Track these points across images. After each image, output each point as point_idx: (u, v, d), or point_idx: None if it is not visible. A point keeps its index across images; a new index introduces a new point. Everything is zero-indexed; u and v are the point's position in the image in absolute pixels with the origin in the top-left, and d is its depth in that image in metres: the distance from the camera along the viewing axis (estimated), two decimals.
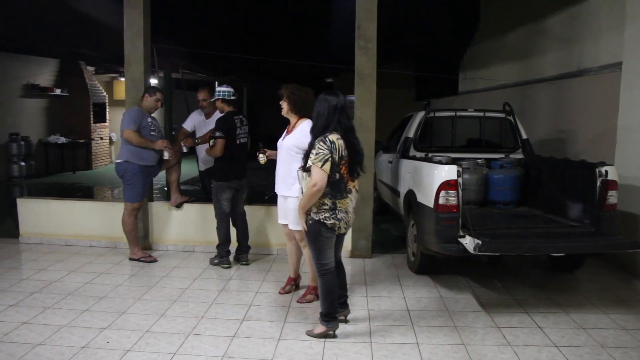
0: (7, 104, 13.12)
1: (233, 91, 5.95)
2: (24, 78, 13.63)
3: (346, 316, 4.45)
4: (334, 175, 3.90)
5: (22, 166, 13.20)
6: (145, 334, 4.24)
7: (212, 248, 6.26)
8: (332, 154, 3.84)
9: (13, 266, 6.12)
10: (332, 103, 3.99)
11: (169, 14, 8.56)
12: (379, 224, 7.48)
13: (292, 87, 4.71)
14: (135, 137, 5.95)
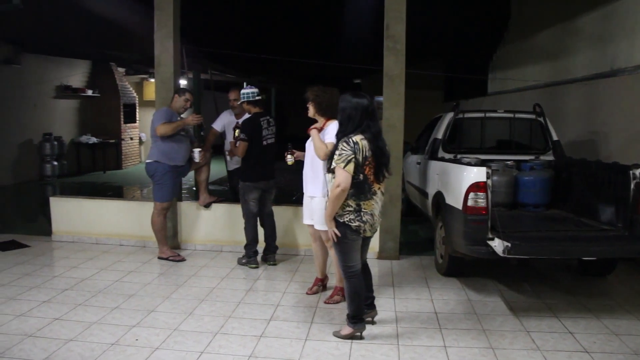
0: (41, 104, 13.40)
1: (257, 91, 5.96)
2: (57, 79, 13.90)
3: (373, 317, 4.44)
4: (357, 176, 3.88)
5: (55, 165, 13.45)
6: (174, 333, 4.29)
7: (240, 248, 6.29)
8: (355, 155, 3.83)
9: (46, 263, 6.24)
10: (362, 105, 3.97)
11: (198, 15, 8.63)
12: (406, 225, 7.45)
13: (317, 89, 4.71)
14: (168, 126, 5.98)
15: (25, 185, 12.50)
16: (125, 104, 15.76)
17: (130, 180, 13.73)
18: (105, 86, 15.28)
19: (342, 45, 11.37)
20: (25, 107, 12.68)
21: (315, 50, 11.80)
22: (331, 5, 9.09)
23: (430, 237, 6.89)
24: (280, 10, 9.51)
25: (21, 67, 12.40)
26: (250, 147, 5.81)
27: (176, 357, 3.88)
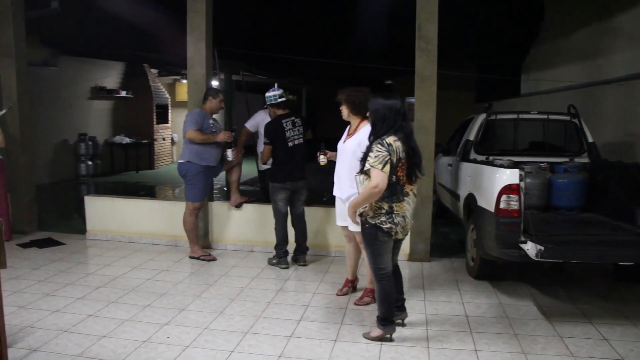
0: (77, 105, 13.67)
1: (279, 93, 6.01)
2: (92, 81, 14.17)
3: (403, 320, 4.42)
4: (390, 177, 3.87)
5: (90, 165, 13.70)
6: (204, 331, 4.33)
7: (270, 248, 6.32)
8: (390, 156, 3.82)
9: (80, 261, 6.36)
10: (394, 107, 3.95)
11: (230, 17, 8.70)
12: (437, 227, 7.40)
13: (349, 90, 4.71)
14: (198, 135, 6.07)
15: (61, 184, 12.76)
16: (157, 105, 15.96)
17: (163, 180, 13.90)
18: (138, 87, 15.51)
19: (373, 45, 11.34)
20: (61, 108, 12.95)
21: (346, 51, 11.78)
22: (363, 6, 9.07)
23: (461, 240, 6.84)
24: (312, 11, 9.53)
25: (58, 69, 12.67)
26: (275, 149, 5.84)
27: (206, 355, 3.92)
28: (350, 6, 9.04)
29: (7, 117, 7.40)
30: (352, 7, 9.08)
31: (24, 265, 6.07)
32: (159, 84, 16.38)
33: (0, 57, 7.42)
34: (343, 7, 9.14)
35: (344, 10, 9.38)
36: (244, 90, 9.30)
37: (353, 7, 9.13)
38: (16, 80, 7.40)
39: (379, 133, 3.93)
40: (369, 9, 9.11)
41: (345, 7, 9.10)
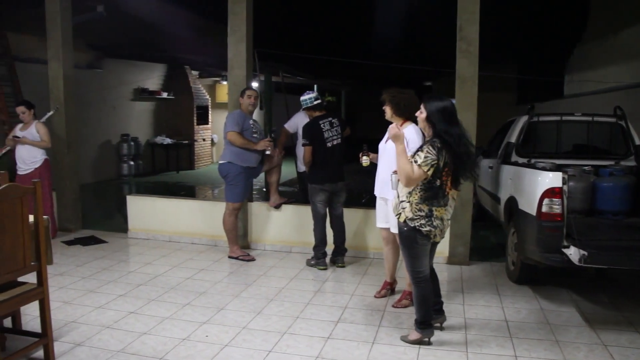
0: (120, 106, 13.96)
1: (314, 96, 6.03)
2: (134, 83, 14.46)
3: (442, 323, 4.38)
4: (434, 181, 3.84)
5: (131, 165, 13.97)
6: (243, 330, 4.37)
7: (308, 249, 6.34)
8: (438, 161, 3.78)
9: (122, 259, 6.50)
10: (447, 108, 3.91)
11: (270, 19, 8.76)
12: (477, 230, 7.30)
13: (393, 90, 4.68)
14: (238, 138, 6.13)
15: (104, 184, 13.05)
16: (198, 106, 16.17)
17: (203, 180, 14.07)
18: (179, 89, 15.74)
19: (412, 47, 11.27)
20: (105, 109, 13.25)
21: (385, 53, 11.74)
22: (403, 7, 9.02)
23: (501, 243, 6.74)
24: (351, 13, 9.52)
25: (102, 72, 12.97)
26: (314, 150, 5.86)
27: (244, 354, 3.95)
28: (390, 7, 9.01)
29: (54, 118, 7.62)
30: (392, 8, 9.04)
31: (68, 262, 6.23)
32: (200, 86, 16.59)
33: (49, 60, 7.65)
34: (383, 8, 9.11)
35: (384, 12, 9.35)
36: (283, 91, 9.36)
37: (393, 9, 9.09)
38: (63, 83, 7.61)
39: (434, 134, 3.88)
40: (409, 10, 9.06)
41: (385, 8, 9.07)
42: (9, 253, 3.45)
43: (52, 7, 7.52)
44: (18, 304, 3.72)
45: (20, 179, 6.87)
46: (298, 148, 6.81)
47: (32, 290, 3.73)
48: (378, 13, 9.45)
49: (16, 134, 7.06)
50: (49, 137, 7.06)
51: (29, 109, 7.08)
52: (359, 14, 9.50)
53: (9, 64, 9.95)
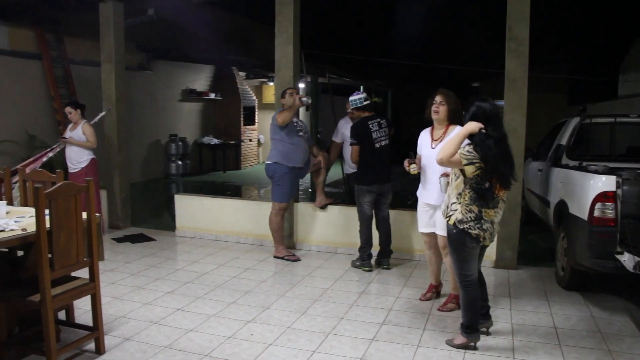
0: (169, 107, 14.23)
1: (364, 96, 6.01)
2: (183, 84, 14.72)
3: (488, 328, 4.30)
4: (483, 183, 3.78)
5: (179, 165, 14.22)
6: (287, 330, 4.39)
7: (354, 250, 6.33)
8: (481, 162, 3.72)
9: (170, 257, 6.62)
10: (490, 110, 3.85)
11: (317, 20, 8.79)
12: (525, 234, 7.14)
13: (451, 93, 4.64)
14: (285, 113, 6.16)
15: (153, 183, 13.32)
16: (245, 107, 16.34)
17: (249, 180, 14.21)
18: (227, 89, 15.93)
19: (460, 47, 11.14)
20: (154, 110, 13.53)
21: (432, 53, 11.64)
22: (447, 8, 8.93)
23: (550, 248, 6.58)
24: (397, 14, 9.48)
25: (152, 73, 13.26)
26: (362, 150, 5.85)
27: (289, 354, 3.97)
28: (436, 8, 8.92)
29: (106, 118, 7.83)
30: (438, 9, 8.96)
31: (118, 259, 6.39)
32: (247, 87, 16.76)
33: (102, 62, 7.87)
34: (429, 8, 9.03)
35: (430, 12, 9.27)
36: (330, 92, 9.37)
37: (441, 8, 9.01)
38: (115, 84, 7.82)
39: (474, 136, 3.83)
40: (457, 10, 8.95)
41: (431, 8, 8.99)
42: (63, 249, 3.56)
43: (105, 12, 7.75)
44: (72, 298, 3.85)
45: (69, 177, 7.07)
46: (345, 149, 6.82)
47: (84, 285, 3.85)
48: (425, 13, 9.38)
49: (65, 134, 7.28)
50: (94, 138, 7.22)
51: (75, 109, 7.28)
52: (406, 14, 9.45)
53: (65, 66, 10.27)
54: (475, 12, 8.87)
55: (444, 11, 9.01)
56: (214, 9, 9.54)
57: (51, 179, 4.48)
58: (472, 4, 8.56)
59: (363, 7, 9.15)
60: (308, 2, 6.95)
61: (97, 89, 8.06)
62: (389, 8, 9.03)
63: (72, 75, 10.38)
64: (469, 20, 9.33)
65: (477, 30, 9.47)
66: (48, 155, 7.19)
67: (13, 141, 9.09)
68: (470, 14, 9.04)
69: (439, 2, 8.50)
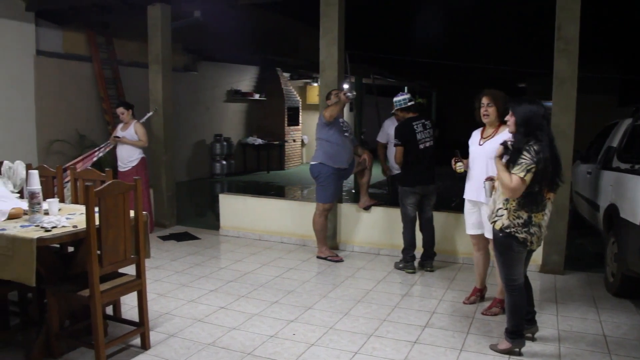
0: (213, 108, 14.43)
1: (408, 97, 5.97)
2: (228, 84, 14.90)
3: (534, 334, 4.21)
4: (533, 186, 3.70)
5: (224, 165, 14.40)
6: (329, 331, 4.39)
7: (397, 252, 6.29)
8: (536, 165, 3.65)
9: (214, 255, 6.71)
10: (539, 111, 3.78)
11: (361, 20, 8.78)
12: (573, 238, 6.98)
13: (498, 93, 4.57)
14: (331, 108, 6.17)
15: (197, 182, 13.52)
16: (289, 108, 16.44)
17: (292, 180, 14.28)
18: (271, 90, 16.07)
19: (505, 47, 10.96)
20: (199, 110, 13.73)
21: (477, 53, 11.49)
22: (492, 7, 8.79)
23: (599, 253, 6.40)
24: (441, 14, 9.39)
25: (197, 74, 13.46)
26: (406, 151, 5.81)
27: (330, 354, 3.96)
28: (480, 7, 8.80)
29: (153, 118, 7.99)
30: (482, 8, 8.83)
31: (163, 257, 6.51)
32: (291, 87, 16.86)
33: (150, 64, 8.03)
34: (473, 8, 8.92)
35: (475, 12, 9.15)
36: (374, 93, 9.35)
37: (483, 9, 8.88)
38: (162, 85, 7.97)
39: (522, 139, 3.76)
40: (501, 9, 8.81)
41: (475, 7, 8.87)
42: (112, 246, 3.65)
43: (153, 14, 7.91)
44: (119, 294, 3.94)
45: (119, 176, 7.23)
46: (389, 150, 6.79)
47: (131, 282, 3.93)
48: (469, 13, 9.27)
49: (117, 133, 7.45)
50: (146, 137, 7.40)
51: (127, 109, 7.46)
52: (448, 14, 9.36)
53: (114, 68, 10.53)
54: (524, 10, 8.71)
55: (491, 9, 8.88)
56: (259, 11, 9.64)
57: (101, 178, 4.59)
58: (521, 1, 8.41)
59: (407, 6, 9.09)
60: (353, 2, 6.95)
61: (144, 89, 8.24)
62: (434, 7, 8.96)
63: (120, 76, 10.62)
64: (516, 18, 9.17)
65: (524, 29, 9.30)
66: (98, 154, 7.37)
67: (65, 141, 9.37)
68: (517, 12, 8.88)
69: (486, 1, 8.38)
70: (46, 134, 9.16)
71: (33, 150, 8.91)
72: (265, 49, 12.23)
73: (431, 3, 8.83)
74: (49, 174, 5.06)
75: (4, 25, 8.35)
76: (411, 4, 9.04)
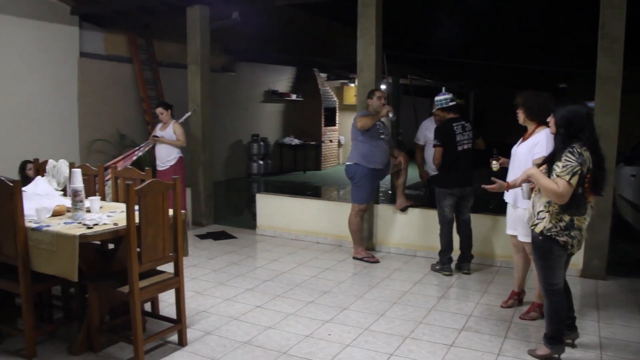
0: (251, 108, 14.54)
1: (450, 97, 5.89)
2: (265, 85, 14.99)
3: (574, 340, 4.12)
4: (577, 189, 3.61)
5: (261, 165, 14.48)
6: (365, 332, 4.38)
7: (433, 254, 6.24)
8: (581, 167, 3.57)
9: (250, 254, 6.76)
10: (581, 112, 3.69)
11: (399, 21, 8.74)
12: (615, 243, 6.79)
13: (527, 93, 4.50)
14: (367, 119, 6.17)
15: (235, 182, 13.64)
16: (326, 108, 16.43)
17: (329, 181, 14.28)
18: (308, 91, 16.09)
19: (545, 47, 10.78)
20: (237, 110, 13.84)
21: (516, 54, 11.32)
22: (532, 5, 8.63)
23: None
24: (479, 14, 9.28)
25: (235, 74, 13.58)
26: (444, 152, 5.75)
27: (366, 356, 3.95)
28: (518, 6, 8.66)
29: (191, 118, 8.10)
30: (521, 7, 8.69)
31: (201, 255, 6.59)
32: (328, 88, 16.86)
33: (189, 64, 8.15)
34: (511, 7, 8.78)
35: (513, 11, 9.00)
36: (412, 93, 9.29)
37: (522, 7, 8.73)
38: (200, 86, 8.08)
39: (565, 141, 3.69)
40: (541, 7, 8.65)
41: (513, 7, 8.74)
42: (151, 243, 3.71)
43: (192, 16, 8.03)
44: (157, 291, 4.00)
45: (157, 174, 7.34)
46: (427, 151, 6.73)
47: (169, 279, 3.99)
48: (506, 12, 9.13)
49: (156, 133, 7.57)
50: (184, 137, 7.50)
51: (166, 109, 7.58)
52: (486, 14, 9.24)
53: (153, 69, 10.70)
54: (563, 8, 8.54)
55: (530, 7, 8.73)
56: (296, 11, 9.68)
57: (140, 177, 4.67)
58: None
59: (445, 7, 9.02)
60: (390, 3, 6.91)
61: (183, 90, 8.35)
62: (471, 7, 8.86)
63: (160, 77, 10.79)
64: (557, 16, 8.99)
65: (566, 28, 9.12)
66: (137, 153, 7.50)
67: (106, 140, 9.56)
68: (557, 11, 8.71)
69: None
70: (88, 134, 9.37)
71: (75, 149, 9.13)
72: (302, 49, 12.28)
73: (471, 1, 8.73)
74: (90, 173, 5.17)
75: (51, 29, 8.59)
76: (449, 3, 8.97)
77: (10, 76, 8.11)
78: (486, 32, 10.28)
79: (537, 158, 4.21)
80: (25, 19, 8.20)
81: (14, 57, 8.15)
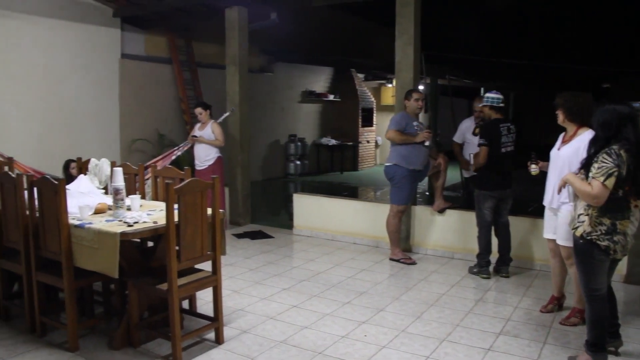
0: (288, 108, 14.62)
1: (502, 98, 5.78)
2: (302, 85, 15.06)
3: (617, 348, 4.00)
4: (617, 192, 3.52)
5: (298, 165, 14.55)
6: (401, 334, 4.35)
7: (471, 256, 6.17)
8: (619, 168, 3.48)
9: (287, 254, 6.78)
10: (622, 112, 3.59)
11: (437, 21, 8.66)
12: None
13: (567, 94, 4.41)
14: (397, 135, 6.16)
15: (272, 182, 13.72)
16: (363, 108, 16.41)
17: (365, 181, 14.25)
18: (345, 91, 16.10)
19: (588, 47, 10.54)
20: (274, 111, 13.93)
21: (557, 54, 11.10)
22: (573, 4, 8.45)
23: None
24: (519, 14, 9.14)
25: (273, 75, 13.67)
26: (488, 153, 5.67)
27: (402, 357, 3.93)
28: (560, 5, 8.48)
29: (229, 118, 8.18)
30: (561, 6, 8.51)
31: (238, 254, 6.65)
32: (365, 88, 16.83)
33: (227, 65, 8.23)
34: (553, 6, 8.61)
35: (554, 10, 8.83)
36: (450, 94, 9.21)
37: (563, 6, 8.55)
38: (238, 86, 8.15)
39: (601, 140, 3.60)
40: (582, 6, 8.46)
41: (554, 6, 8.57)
42: (189, 242, 3.76)
43: (231, 17, 8.12)
44: (195, 289, 4.06)
45: (196, 174, 7.42)
46: (466, 152, 6.65)
47: (207, 278, 4.04)
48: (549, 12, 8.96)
49: (195, 133, 7.67)
50: (223, 137, 7.58)
51: (205, 109, 7.68)
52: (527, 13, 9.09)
53: (192, 69, 10.84)
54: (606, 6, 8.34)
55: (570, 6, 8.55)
56: (334, 12, 9.68)
57: (180, 176, 4.74)
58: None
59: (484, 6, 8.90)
60: (429, 2, 6.86)
61: (222, 90, 8.45)
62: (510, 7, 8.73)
63: (199, 77, 10.92)
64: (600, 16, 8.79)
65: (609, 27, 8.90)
66: (177, 153, 7.61)
67: (146, 140, 9.72)
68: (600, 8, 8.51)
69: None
70: (128, 133, 9.55)
71: (116, 148, 9.31)
72: (340, 50, 12.28)
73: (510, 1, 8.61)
74: (131, 172, 5.27)
75: (94, 31, 8.79)
76: (489, 2, 8.85)
77: (56, 77, 8.33)
78: (526, 31, 10.12)
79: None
80: (71, 22, 8.41)
81: (60, 58, 8.38)
